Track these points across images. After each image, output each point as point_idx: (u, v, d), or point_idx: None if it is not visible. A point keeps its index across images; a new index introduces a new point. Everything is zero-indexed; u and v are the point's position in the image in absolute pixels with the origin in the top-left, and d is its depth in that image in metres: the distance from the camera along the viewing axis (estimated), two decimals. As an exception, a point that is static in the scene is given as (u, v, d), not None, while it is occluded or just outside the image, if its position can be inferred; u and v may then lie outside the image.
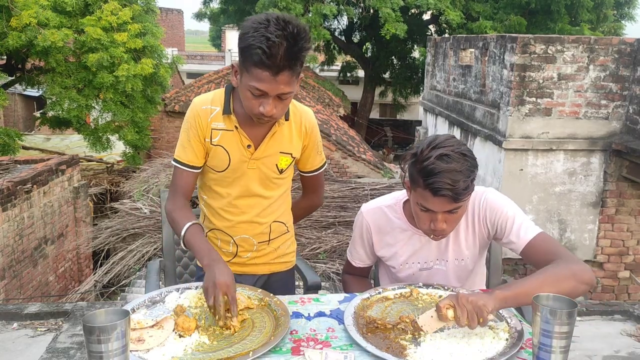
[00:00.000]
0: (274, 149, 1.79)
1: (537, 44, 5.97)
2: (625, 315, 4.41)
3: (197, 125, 1.75)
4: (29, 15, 8.48)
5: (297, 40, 1.50)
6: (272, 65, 1.49)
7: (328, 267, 5.81)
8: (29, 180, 6.76)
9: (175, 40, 30.27)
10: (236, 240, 1.89)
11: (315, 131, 1.88)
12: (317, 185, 2.05)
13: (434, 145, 1.54)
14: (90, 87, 9.55)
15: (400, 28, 12.88)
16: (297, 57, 1.52)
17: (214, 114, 1.75)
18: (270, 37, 1.46)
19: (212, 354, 1.33)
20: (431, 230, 1.63)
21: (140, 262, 6.19)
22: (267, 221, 1.88)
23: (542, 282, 1.46)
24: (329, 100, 14.96)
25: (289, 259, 2.03)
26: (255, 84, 1.53)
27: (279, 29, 1.47)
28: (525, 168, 6.25)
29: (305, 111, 1.85)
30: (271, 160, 1.79)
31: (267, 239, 1.91)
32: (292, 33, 1.49)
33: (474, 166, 1.55)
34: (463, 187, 1.50)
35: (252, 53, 1.49)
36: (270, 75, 1.51)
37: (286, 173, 1.85)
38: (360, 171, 10.23)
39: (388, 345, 1.38)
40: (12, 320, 4.10)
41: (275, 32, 1.47)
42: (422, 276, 1.80)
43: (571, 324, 1.21)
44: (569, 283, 1.46)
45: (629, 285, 6.59)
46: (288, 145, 1.81)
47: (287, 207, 1.97)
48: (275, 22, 1.48)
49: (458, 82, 8.39)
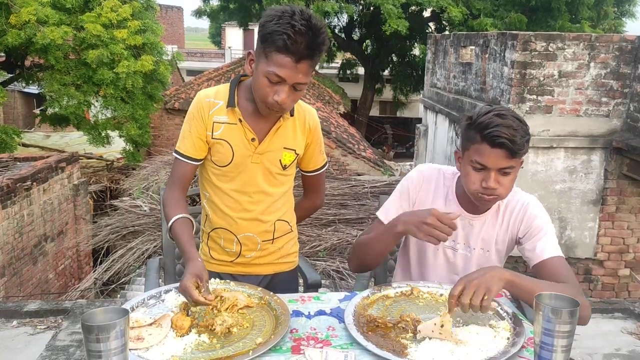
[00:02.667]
0: (278, 144, 1.79)
1: (538, 41, 5.96)
2: (626, 313, 4.41)
3: (199, 117, 1.76)
4: (28, 12, 8.47)
5: (319, 33, 1.55)
6: (295, 52, 1.53)
7: (328, 265, 5.81)
8: (29, 177, 6.76)
9: (175, 37, 30.24)
10: (240, 239, 1.87)
11: (319, 130, 1.90)
12: (319, 185, 2.05)
13: (489, 110, 1.59)
14: (89, 83, 9.53)
15: (402, 24, 12.88)
16: (319, 48, 1.57)
17: (217, 108, 1.75)
18: (295, 25, 1.51)
19: (212, 352, 1.33)
20: (482, 188, 1.60)
21: (140, 260, 6.19)
22: (270, 219, 1.87)
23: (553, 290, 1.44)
24: (329, 97, 14.95)
25: (292, 259, 2.02)
26: (276, 70, 1.56)
27: (304, 19, 1.53)
28: (525, 166, 6.24)
29: (309, 109, 1.88)
30: (275, 155, 1.80)
31: (272, 237, 1.90)
32: (315, 25, 1.54)
33: (528, 131, 1.58)
34: (520, 142, 1.53)
35: (277, 39, 1.52)
36: (292, 62, 1.54)
37: (289, 170, 1.86)
38: (360, 169, 10.23)
39: (389, 344, 1.37)
40: (11, 318, 4.11)
41: (300, 21, 1.52)
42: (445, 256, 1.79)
43: (573, 323, 1.21)
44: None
45: (629, 283, 6.59)
46: (292, 141, 1.82)
47: (290, 206, 1.96)
48: (300, 13, 1.54)
49: (458, 79, 8.37)
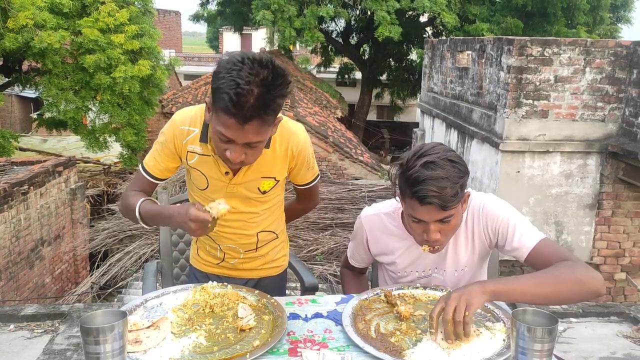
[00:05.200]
0: (254, 175, 1.71)
1: (534, 46, 5.99)
2: (622, 316, 4.42)
3: (173, 145, 1.69)
4: (25, 16, 8.47)
5: (271, 87, 1.38)
6: (238, 114, 1.38)
7: (325, 268, 5.81)
8: (26, 181, 6.74)
9: (172, 41, 30.25)
10: (222, 248, 1.88)
11: (304, 151, 1.76)
12: (311, 194, 2.00)
13: (419, 154, 1.50)
14: (87, 88, 9.54)
15: (395, 31, 12.90)
16: (269, 107, 1.40)
17: (192, 136, 1.68)
18: (240, 82, 1.35)
19: (209, 355, 1.33)
20: (425, 241, 1.59)
21: (138, 264, 6.18)
22: (253, 233, 1.85)
23: (540, 282, 1.44)
24: (327, 102, 14.96)
25: (279, 263, 2.01)
26: (222, 130, 1.44)
27: (252, 73, 1.36)
28: (522, 170, 6.27)
29: (293, 133, 1.72)
30: (252, 184, 1.73)
31: (255, 247, 1.89)
32: (265, 80, 1.37)
33: (463, 172, 1.50)
34: (451, 194, 1.46)
35: (220, 97, 1.38)
36: (237, 124, 1.40)
37: (271, 193, 1.79)
38: (358, 173, 10.24)
39: (386, 346, 1.38)
40: (8, 322, 4.09)
41: (246, 78, 1.35)
42: (422, 283, 1.79)
43: (551, 342, 1.16)
44: (570, 286, 1.43)
45: (625, 287, 6.61)
46: (270, 170, 1.72)
47: (277, 216, 1.91)
48: (250, 66, 1.36)
49: (455, 84, 8.41)
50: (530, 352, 1.16)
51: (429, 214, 1.51)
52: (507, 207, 1.67)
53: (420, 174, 1.46)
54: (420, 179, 1.46)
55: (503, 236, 1.64)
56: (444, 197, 1.46)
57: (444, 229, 1.56)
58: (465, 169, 1.52)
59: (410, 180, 1.48)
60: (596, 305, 4.63)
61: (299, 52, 21.68)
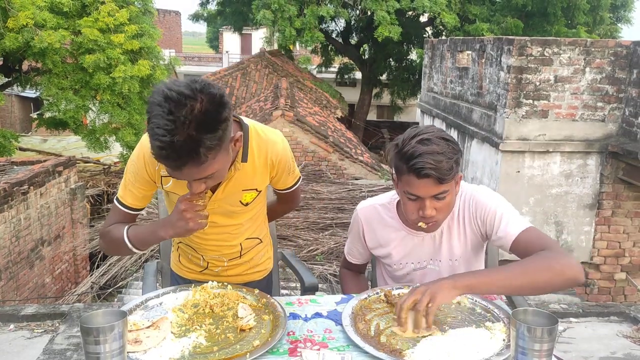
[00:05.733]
0: (234, 189, 1.65)
1: (534, 46, 5.99)
2: (622, 316, 4.42)
3: (145, 172, 1.61)
4: (25, 16, 8.47)
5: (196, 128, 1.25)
6: (169, 164, 1.32)
7: (325, 268, 5.81)
8: (26, 181, 6.74)
9: (172, 41, 30.27)
10: (205, 258, 1.86)
11: (284, 159, 1.70)
12: (293, 197, 1.95)
13: (413, 135, 1.55)
14: (87, 88, 9.53)
15: (395, 31, 12.90)
16: (197, 149, 1.27)
17: None
18: (158, 132, 1.24)
19: (209, 355, 1.33)
20: (420, 218, 1.60)
21: (137, 264, 6.18)
22: (236, 242, 1.82)
23: (515, 272, 1.46)
24: (326, 102, 14.97)
25: (263, 267, 1.98)
26: (167, 171, 1.40)
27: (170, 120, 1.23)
28: (522, 170, 6.27)
29: (271, 141, 1.66)
30: (234, 198, 1.68)
31: (239, 254, 1.87)
32: (186, 122, 1.23)
33: (456, 150, 1.54)
34: (447, 168, 1.49)
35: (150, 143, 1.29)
36: (174, 170, 1.34)
37: (254, 204, 1.75)
38: (358, 173, 10.23)
39: (385, 346, 1.38)
40: (8, 322, 4.10)
41: (165, 126, 1.23)
42: (417, 276, 1.80)
43: (551, 342, 1.15)
44: (545, 275, 1.44)
45: (625, 286, 6.61)
46: (251, 182, 1.67)
47: (259, 223, 1.88)
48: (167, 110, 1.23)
49: (455, 84, 8.41)
50: (530, 352, 1.16)
51: (425, 188, 1.53)
52: (497, 197, 1.69)
53: (417, 149, 1.50)
54: (417, 153, 1.50)
55: (490, 225, 1.66)
56: (441, 169, 1.49)
57: (439, 206, 1.58)
58: (458, 147, 1.57)
59: (407, 156, 1.51)
60: (596, 305, 4.63)
61: (299, 52, 21.70)
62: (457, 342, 1.38)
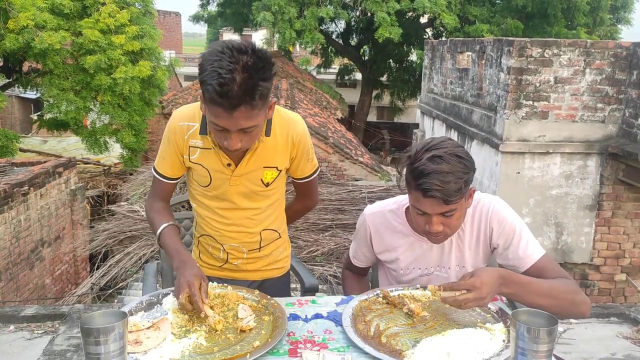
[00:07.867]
0: (256, 164, 1.72)
1: (534, 47, 6.00)
2: (622, 317, 4.42)
3: (174, 142, 1.72)
4: (26, 17, 8.48)
5: (253, 73, 1.39)
6: (224, 103, 1.41)
7: (325, 269, 5.81)
8: (26, 182, 6.75)
9: (172, 42, 30.25)
10: (226, 248, 1.88)
11: (304, 140, 1.79)
12: (310, 190, 2.01)
13: (427, 148, 1.53)
14: (87, 89, 9.55)
15: (395, 32, 12.91)
16: (254, 91, 1.41)
17: (192, 131, 1.70)
18: (221, 72, 1.37)
19: (209, 355, 1.34)
20: (427, 232, 1.62)
21: (138, 265, 6.18)
22: (256, 231, 1.86)
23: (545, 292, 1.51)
24: (327, 103, 14.97)
25: (282, 264, 2.01)
26: (213, 119, 1.48)
27: (232, 61, 1.38)
28: (522, 171, 6.27)
29: (292, 121, 1.76)
30: (255, 175, 1.74)
31: (258, 246, 1.89)
32: (246, 66, 1.39)
33: (469, 168, 1.53)
34: (454, 189, 1.48)
35: (206, 89, 1.42)
36: (225, 112, 1.43)
37: (274, 185, 1.80)
38: (358, 174, 10.23)
39: (385, 346, 1.38)
40: (8, 323, 4.10)
41: (227, 67, 1.38)
42: (422, 282, 1.79)
43: (551, 343, 1.16)
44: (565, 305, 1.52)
45: (625, 288, 6.61)
46: (272, 159, 1.74)
47: (278, 214, 1.92)
48: (230, 54, 1.39)
49: (455, 85, 8.41)
50: (530, 353, 1.16)
51: (431, 207, 1.53)
52: (514, 214, 1.71)
53: (426, 167, 1.49)
54: (425, 172, 1.49)
55: (507, 243, 1.67)
56: (447, 191, 1.48)
57: (447, 222, 1.59)
58: (472, 165, 1.55)
59: (416, 173, 1.51)
60: (596, 307, 4.63)
61: (299, 53, 21.69)
62: (457, 342, 1.38)
